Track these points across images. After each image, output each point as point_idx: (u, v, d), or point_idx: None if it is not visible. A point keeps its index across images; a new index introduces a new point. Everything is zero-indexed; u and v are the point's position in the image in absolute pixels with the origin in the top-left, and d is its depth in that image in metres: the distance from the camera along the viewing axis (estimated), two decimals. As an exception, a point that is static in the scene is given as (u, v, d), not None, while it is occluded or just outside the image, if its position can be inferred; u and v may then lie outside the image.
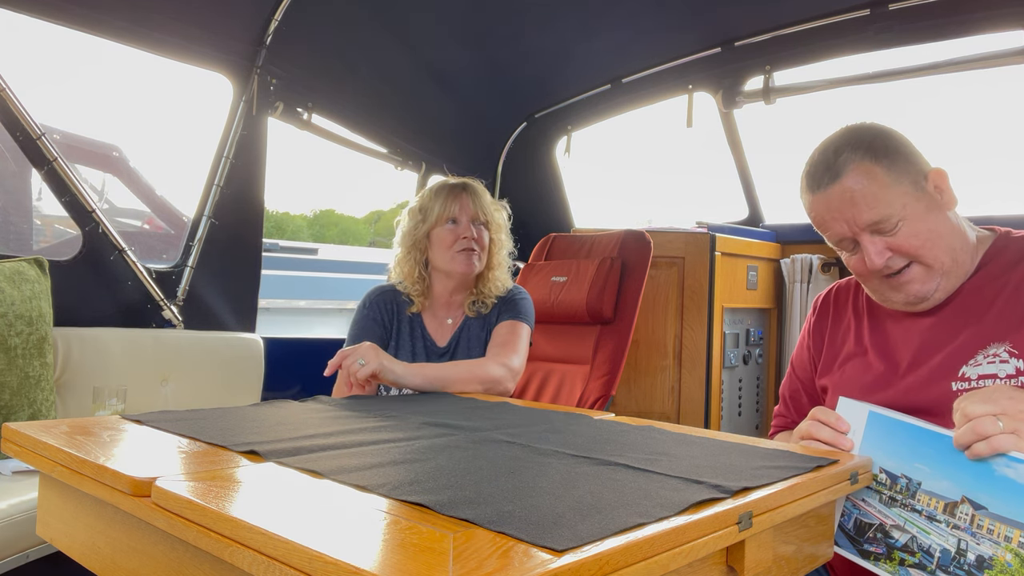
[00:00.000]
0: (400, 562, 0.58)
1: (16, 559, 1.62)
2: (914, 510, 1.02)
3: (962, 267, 1.22)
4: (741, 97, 2.94)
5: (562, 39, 2.94)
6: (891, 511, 1.04)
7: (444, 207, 1.96)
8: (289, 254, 6.97)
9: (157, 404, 2.42)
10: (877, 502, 1.06)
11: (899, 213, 1.18)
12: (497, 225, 2.05)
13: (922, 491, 1.02)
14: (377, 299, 1.99)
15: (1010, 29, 2.34)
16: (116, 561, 0.90)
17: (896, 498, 1.04)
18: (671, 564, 0.67)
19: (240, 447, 0.96)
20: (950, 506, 0.99)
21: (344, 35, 2.75)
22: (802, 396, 1.47)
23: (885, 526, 1.04)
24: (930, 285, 1.21)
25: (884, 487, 1.06)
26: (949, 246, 1.20)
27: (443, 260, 1.95)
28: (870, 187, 1.18)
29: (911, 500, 1.03)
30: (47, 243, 4.32)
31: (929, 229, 1.19)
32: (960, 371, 1.17)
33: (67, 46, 14.35)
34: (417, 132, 3.33)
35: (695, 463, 0.95)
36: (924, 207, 1.20)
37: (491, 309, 2.00)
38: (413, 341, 1.96)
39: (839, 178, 1.20)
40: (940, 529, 0.99)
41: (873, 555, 1.05)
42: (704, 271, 2.75)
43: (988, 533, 0.96)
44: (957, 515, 0.98)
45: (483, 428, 1.17)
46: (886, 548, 1.04)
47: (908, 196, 1.19)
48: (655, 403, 2.81)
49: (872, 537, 1.06)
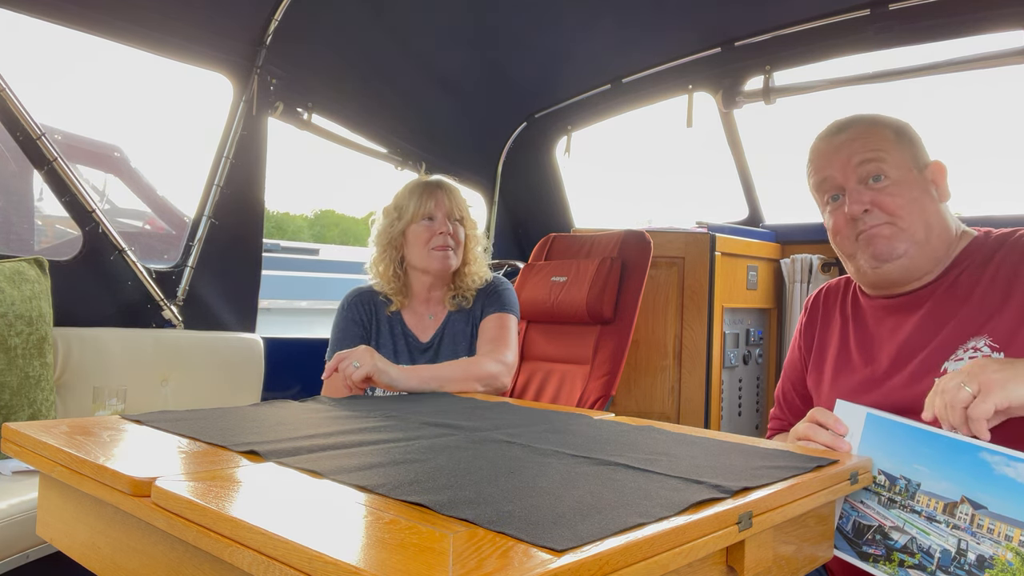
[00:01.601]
0: (400, 562, 0.58)
1: (16, 559, 1.62)
2: (913, 511, 1.02)
3: (934, 249, 1.24)
4: (741, 97, 2.94)
5: (562, 39, 2.94)
6: (890, 512, 1.04)
7: (419, 204, 1.97)
8: (290, 254, 6.98)
9: (157, 404, 2.42)
10: (876, 504, 1.06)
11: (891, 171, 1.23)
12: (471, 221, 2.07)
13: (921, 492, 1.01)
14: (355, 301, 2.01)
15: (1010, 29, 2.34)
16: (116, 561, 0.90)
17: (895, 499, 1.04)
18: (671, 564, 0.67)
19: (240, 447, 0.96)
20: (950, 506, 0.99)
21: (344, 35, 2.75)
22: (795, 398, 1.47)
23: (884, 527, 1.04)
24: (898, 245, 1.23)
25: (883, 489, 1.06)
26: (927, 222, 1.23)
27: (419, 257, 1.97)
28: (873, 138, 1.25)
29: (910, 501, 1.03)
30: (48, 243, 4.32)
31: (913, 199, 1.23)
32: (942, 367, 1.18)
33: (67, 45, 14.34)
34: (417, 132, 3.33)
35: (695, 463, 0.95)
36: (915, 182, 1.24)
37: (473, 302, 2.01)
38: (394, 340, 1.97)
39: (846, 130, 1.28)
40: (940, 529, 0.99)
41: (872, 557, 1.05)
42: (704, 271, 2.75)
43: (988, 532, 0.96)
44: (957, 515, 0.98)
45: (483, 428, 1.17)
46: (885, 550, 1.04)
47: (905, 164, 1.24)
48: (655, 403, 2.81)
49: (871, 539, 1.06)
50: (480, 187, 3.67)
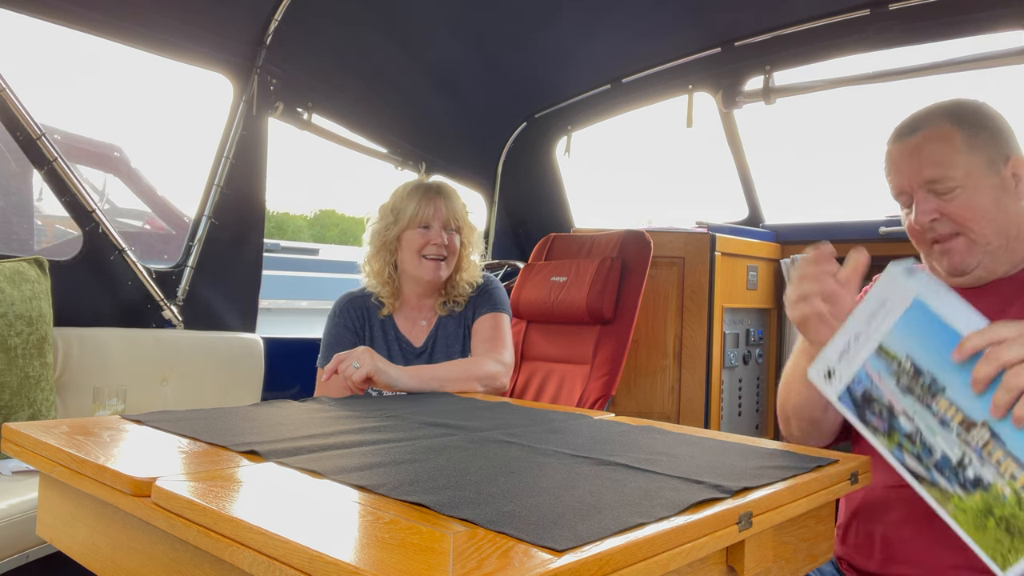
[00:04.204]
0: (400, 562, 0.58)
1: (16, 559, 1.63)
2: (929, 408, 0.95)
3: (1013, 252, 1.21)
4: (741, 97, 2.94)
5: (562, 39, 2.94)
6: (905, 399, 0.97)
7: (417, 211, 1.94)
8: (290, 254, 6.99)
9: (157, 404, 2.42)
10: (893, 384, 0.97)
11: (959, 180, 1.18)
12: (470, 227, 2.04)
13: (944, 396, 0.94)
14: (347, 306, 1.99)
15: (1010, 29, 2.34)
16: (116, 561, 0.90)
17: (914, 389, 0.96)
18: (671, 564, 0.67)
19: (240, 447, 0.96)
20: (967, 423, 0.92)
21: (344, 35, 2.75)
22: None
23: (894, 409, 0.97)
24: (970, 259, 1.20)
25: (905, 374, 0.96)
26: (1002, 228, 1.19)
27: (411, 264, 1.95)
28: (939, 147, 1.19)
29: (929, 399, 0.95)
30: (48, 243, 4.32)
31: (985, 206, 1.18)
32: None
33: (67, 47, 14.35)
34: (417, 132, 3.33)
35: (695, 463, 0.95)
36: (990, 185, 1.19)
37: (465, 305, 2.00)
38: (388, 344, 1.96)
39: (916, 132, 1.23)
40: (949, 437, 0.93)
41: (872, 427, 0.99)
42: (704, 271, 2.75)
43: (996, 464, 0.91)
44: (972, 434, 0.92)
45: (483, 428, 1.17)
46: (888, 428, 0.98)
47: (977, 169, 1.19)
48: (655, 403, 2.81)
49: (877, 412, 0.99)
50: (480, 187, 3.67)
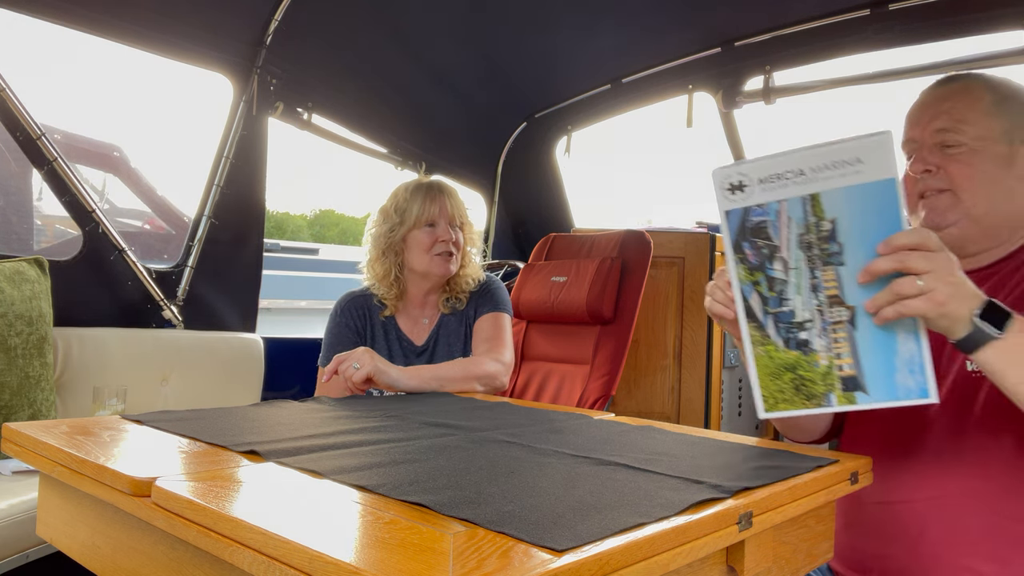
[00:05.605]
0: (400, 562, 0.58)
1: (16, 559, 1.63)
2: (812, 271, 0.94)
3: (996, 228, 1.17)
4: (741, 97, 2.94)
5: (562, 39, 2.94)
6: (796, 251, 0.94)
7: (422, 210, 1.96)
8: (290, 254, 7.00)
9: (157, 404, 2.42)
10: (796, 233, 0.94)
11: (969, 138, 1.14)
12: (470, 224, 2.06)
13: (834, 269, 0.93)
14: (348, 306, 2.00)
15: (1010, 29, 2.34)
16: (116, 561, 0.90)
17: (812, 248, 0.93)
18: (671, 564, 0.67)
19: (240, 447, 0.96)
20: (836, 300, 0.93)
21: (344, 35, 2.75)
22: None
23: (777, 253, 0.95)
24: (949, 216, 1.15)
25: (816, 232, 0.93)
26: (993, 199, 1.15)
27: (421, 263, 1.95)
28: (964, 101, 1.15)
29: (820, 264, 0.93)
30: (48, 243, 4.32)
31: (984, 173, 1.14)
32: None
33: (66, 45, 14.35)
34: (417, 132, 3.33)
35: (695, 463, 0.95)
36: (998, 153, 1.14)
37: (466, 304, 2.01)
38: (389, 344, 1.97)
39: (948, 84, 1.19)
40: (808, 302, 0.94)
41: (741, 255, 0.97)
42: (704, 271, 2.75)
43: (833, 341, 0.93)
44: (833, 310, 0.93)
45: (483, 428, 1.17)
46: (757, 264, 0.96)
47: (991, 133, 1.14)
48: (655, 403, 2.81)
49: (758, 247, 0.96)
50: (480, 187, 3.67)
